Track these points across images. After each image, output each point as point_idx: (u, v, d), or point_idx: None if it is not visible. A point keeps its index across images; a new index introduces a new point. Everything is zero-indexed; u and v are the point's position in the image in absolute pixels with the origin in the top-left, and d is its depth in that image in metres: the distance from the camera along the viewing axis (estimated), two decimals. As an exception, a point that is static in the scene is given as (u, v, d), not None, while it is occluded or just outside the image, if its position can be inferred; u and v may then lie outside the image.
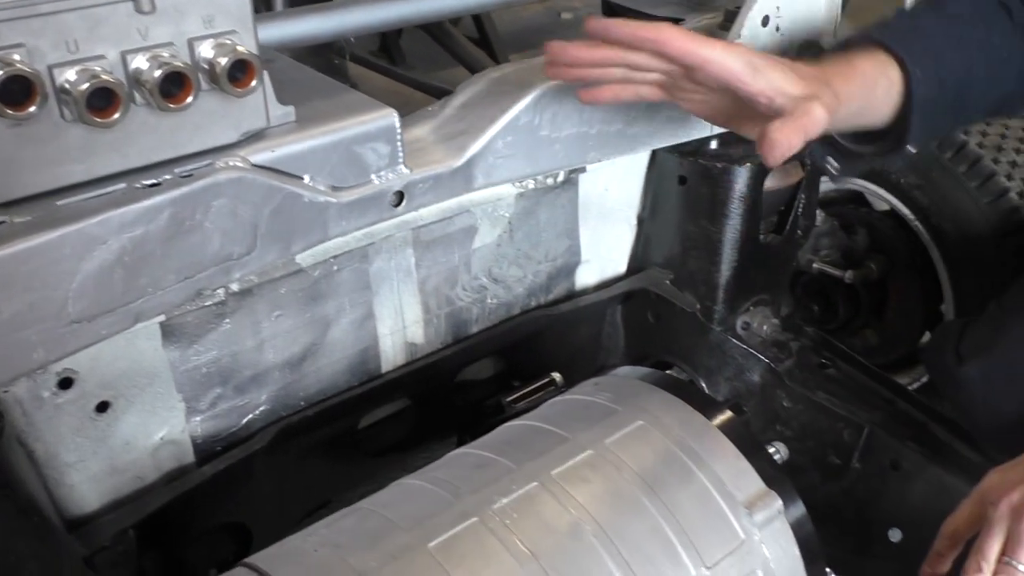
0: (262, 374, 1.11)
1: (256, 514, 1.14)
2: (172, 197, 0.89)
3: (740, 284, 1.39)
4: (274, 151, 0.97)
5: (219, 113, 0.91)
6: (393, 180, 1.07)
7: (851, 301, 1.76)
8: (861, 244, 1.70)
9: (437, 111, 1.19)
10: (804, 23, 1.31)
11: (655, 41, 0.96)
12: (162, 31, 0.85)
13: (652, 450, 0.95)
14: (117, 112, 0.82)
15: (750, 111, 0.97)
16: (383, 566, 0.79)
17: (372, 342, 1.21)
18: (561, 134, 1.20)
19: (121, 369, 0.97)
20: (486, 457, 0.94)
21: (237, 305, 1.05)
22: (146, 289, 0.91)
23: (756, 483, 0.94)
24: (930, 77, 0.99)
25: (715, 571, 0.88)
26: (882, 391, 1.36)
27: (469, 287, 1.28)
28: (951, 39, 1.04)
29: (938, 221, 1.61)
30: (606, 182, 1.37)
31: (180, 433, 1.06)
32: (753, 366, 1.41)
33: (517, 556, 0.82)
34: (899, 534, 1.27)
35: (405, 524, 0.84)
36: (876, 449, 1.29)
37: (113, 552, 0.95)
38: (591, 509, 0.87)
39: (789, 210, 1.43)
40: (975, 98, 1.06)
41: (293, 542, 0.86)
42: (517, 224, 1.29)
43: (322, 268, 1.11)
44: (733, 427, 1.00)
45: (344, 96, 1.08)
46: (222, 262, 0.97)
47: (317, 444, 1.20)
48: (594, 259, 1.43)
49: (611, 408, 1.00)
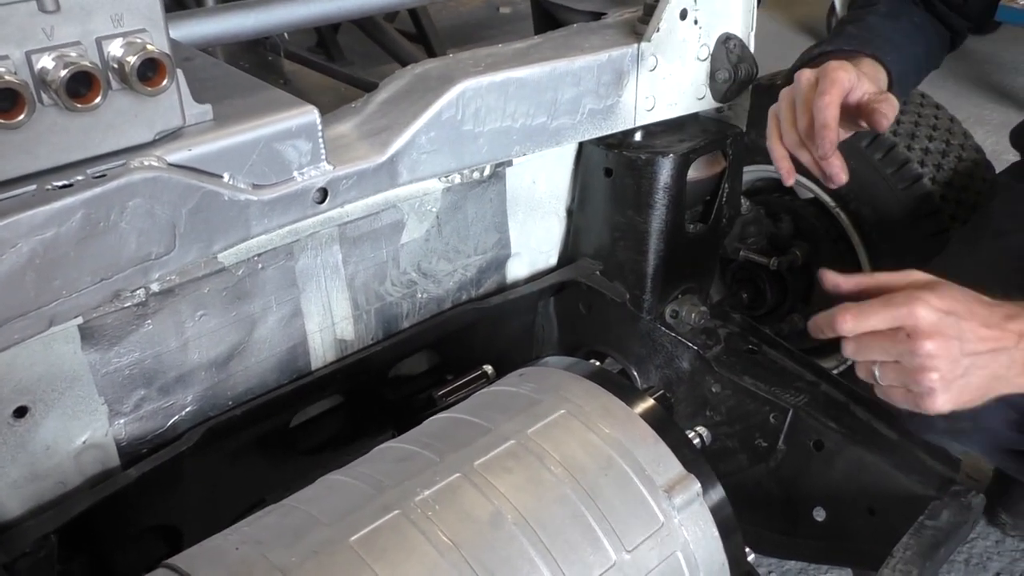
0: (187, 375, 1.10)
1: (187, 515, 1.13)
2: (85, 198, 0.89)
3: (668, 273, 1.42)
4: (191, 150, 0.97)
5: (132, 112, 0.91)
6: (316, 177, 1.07)
7: (778, 287, 1.80)
8: (786, 231, 1.74)
9: (360, 107, 1.20)
10: (722, 16, 1.34)
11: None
12: (68, 30, 0.84)
13: (573, 438, 0.96)
14: (23, 113, 0.81)
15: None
16: (304, 561, 0.80)
17: (301, 340, 1.21)
18: (485, 129, 1.21)
19: (38, 373, 0.96)
20: (409, 450, 0.95)
21: (159, 306, 1.04)
22: (60, 292, 0.90)
23: (675, 467, 0.97)
24: (897, 59, 1.29)
25: (635, 554, 0.90)
26: (806, 375, 1.39)
27: (398, 282, 1.29)
28: (895, 31, 1.35)
29: (857, 207, 1.66)
30: (533, 175, 1.39)
31: (103, 436, 1.05)
32: (682, 353, 1.44)
33: (439, 547, 0.83)
34: (823, 513, 1.31)
35: (327, 519, 0.85)
36: (800, 431, 1.32)
37: (34, 558, 0.94)
38: (513, 498, 0.89)
39: (714, 200, 1.46)
40: (917, 64, 1.41)
41: (214, 541, 0.86)
42: (445, 218, 1.30)
43: (246, 266, 1.11)
44: (654, 414, 1.02)
45: (264, 93, 1.08)
46: (140, 263, 0.97)
47: (248, 443, 1.19)
48: (524, 252, 1.44)
49: (534, 398, 1.02)
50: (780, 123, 1.22)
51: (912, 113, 1.66)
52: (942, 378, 0.95)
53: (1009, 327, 0.97)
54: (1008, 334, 0.97)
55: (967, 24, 1.47)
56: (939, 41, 1.46)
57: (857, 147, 1.61)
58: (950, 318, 0.95)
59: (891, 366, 0.98)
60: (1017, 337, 0.97)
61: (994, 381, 0.98)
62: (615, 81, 1.30)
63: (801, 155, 1.21)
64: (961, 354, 0.95)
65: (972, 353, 0.96)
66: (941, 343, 0.94)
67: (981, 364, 0.97)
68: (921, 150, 1.61)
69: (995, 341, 0.97)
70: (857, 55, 1.27)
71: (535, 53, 1.26)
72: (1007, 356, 0.97)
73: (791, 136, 1.21)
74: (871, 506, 1.25)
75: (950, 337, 0.95)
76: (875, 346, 0.98)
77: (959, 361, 0.96)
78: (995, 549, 1.75)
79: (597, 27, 1.38)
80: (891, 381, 0.99)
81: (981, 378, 0.97)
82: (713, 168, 1.44)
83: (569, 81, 1.25)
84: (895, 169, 1.60)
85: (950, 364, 0.95)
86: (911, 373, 0.96)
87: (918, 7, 1.43)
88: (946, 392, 0.96)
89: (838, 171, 1.16)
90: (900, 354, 0.96)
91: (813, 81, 1.17)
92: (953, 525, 1.14)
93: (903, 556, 1.09)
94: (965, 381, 0.97)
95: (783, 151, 1.22)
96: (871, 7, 1.41)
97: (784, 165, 1.22)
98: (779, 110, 1.23)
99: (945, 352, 0.95)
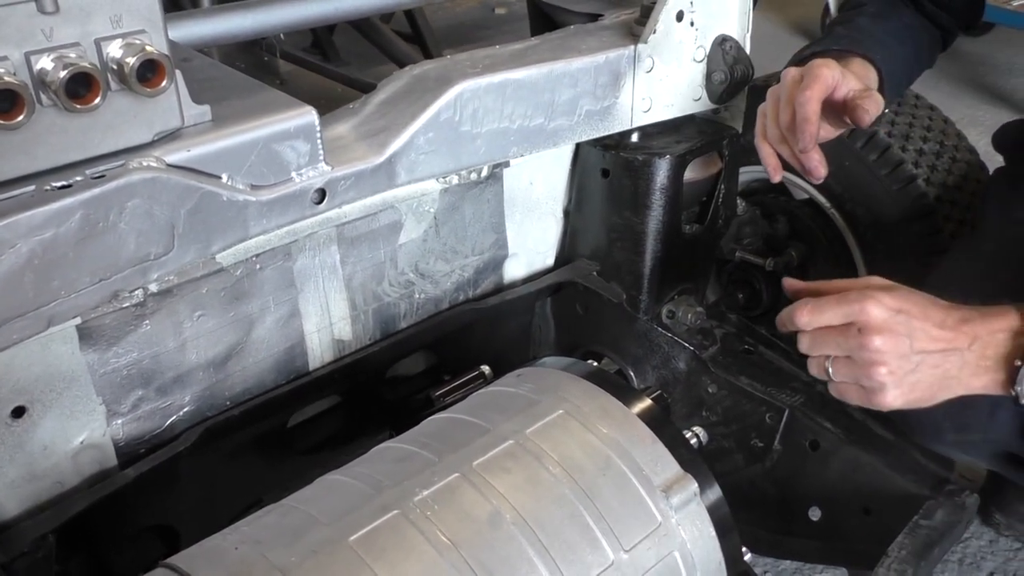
0: (185, 375, 1.11)
1: (184, 515, 1.13)
2: (84, 199, 0.89)
3: (664, 274, 1.42)
4: (190, 151, 0.97)
5: (131, 113, 0.91)
6: (314, 178, 1.07)
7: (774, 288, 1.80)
8: (782, 232, 1.74)
9: (358, 108, 1.20)
10: (718, 18, 1.35)
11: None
12: (68, 31, 0.84)
13: (572, 438, 0.97)
14: (22, 114, 0.81)
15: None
16: (303, 561, 0.80)
17: (298, 340, 1.21)
18: (482, 130, 1.21)
19: (36, 373, 0.96)
20: (408, 450, 0.95)
21: (157, 306, 1.04)
22: (59, 292, 0.90)
23: (673, 467, 0.97)
24: (886, 58, 1.30)
25: (633, 554, 0.90)
26: (802, 375, 1.40)
27: (396, 283, 1.29)
28: (884, 32, 1.36)
29: (852, 208, 1.66)
30: (531, 176, 1.39)
31: (101, 436, 1.05)
32: (679, 354, 1.44)
33: (437, 546, 0.84)
34: (818, 512, 1.31)
35: (326, 519, 0.85)
36: (796, 431, 1.33)
37: (32, 558, 0.94)
38: (511, 498, 0.89)
39: (710, 200, 1.47)
40: (908, 63, 1.41)
41: (214, 541, 0.86)
42: (443, 219, 1.30)
43: (244, 267, 1.11)
44: (651, 414, 1.02)
45: (262, 94, 1.08)
46: (139, 263, 0.97)
47: (246, 444, 1.20)
48: (521, 252, 1.44)
49: (532, 399, 1.02)
50: (765, 120, 1.23)
51: (906, 114, 1.66)
52: (891, 373, 0.97)
53: (962, 329, 0.99)
54: (961, 335, 0.99)
55: (956, 22, 1.48)
56: (930, 41, 1.47)
57: (852, 148, 1.61)
58: (900, 316, 0.97)
59: (843, 361, 1.01)
60: (970, 339, 0.99)
61: (946, 380, 1.00)
62: (612, 82, 1.30)
63: (783, 150, 1.22)
64: (911, 351, 0.97)
65: (922, 351, 0.98)
66: (890, 338, 0.97)
67: (932, 363, 0.98)
68: (915, 151, 1.62)
69: (947, 342, 0.98)
70: (847, 55, 1.28)
71: (533, 54, 1.27)
72: (959, 356, 0.99)
73: (773, 131, 1.22)
74: (866, 506, 1.26)
75: (899, 334, 0.97)
76: (828, 341, 1.01)
77: (908, 357, 0.98)
78: (989, 549, 1.76)
79: (594, 29, 1.39)
80: (843, 377, 1.02)
81: (932, 376, 0.99)
82: (709, 169, 1.44)
83: (566, 82, 1.26)
84: (890, 170, 1.60)
85: (899, 360, 0.97)
86: (862, 368, 0.99)
87: (908, 7, 1.44)
88: (896, 388, 0.98)
89: (816, 165, 1.17)
90: (851, 349, 0.99)
91: (797, 78, 1.18)
92: (947, 525, 1.14)
93: (898, 555, 1.09)
94: (916, 378, 0.98)
95: (769, 148, 1.23)
96: (861, 8, 1.42)
97: (771, 162, 1.24)
98: (765, 107, 1.24)
99: (893, 348, 0.97)
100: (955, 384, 1.00)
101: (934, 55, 1.50)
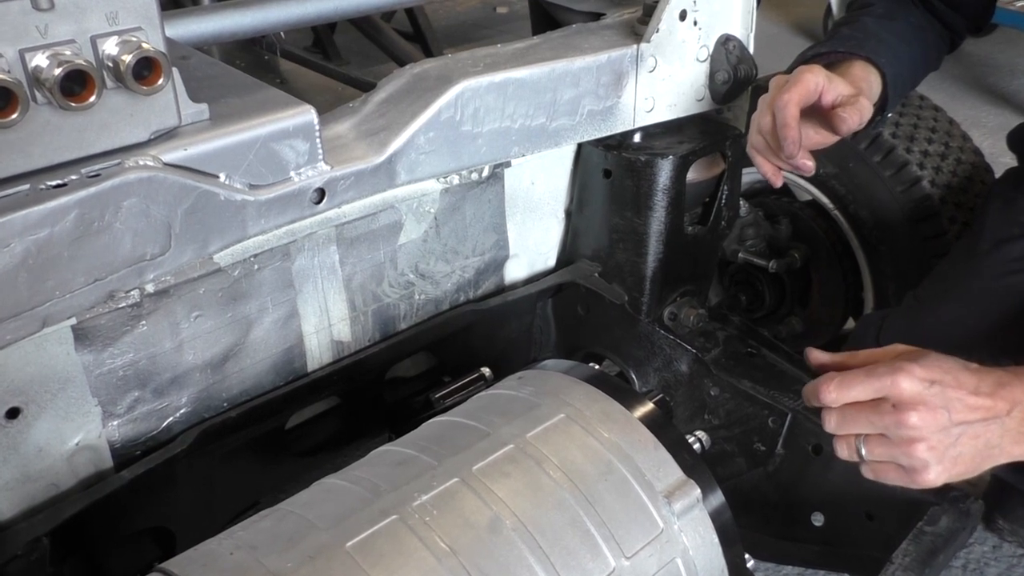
0: (182, 376, 1.09)
1: (180, 518, 1.12)
2: (79, 198, 0.88)
3: (666, 275, 1.41)
4: (187, 149, 0.96)
5: (127, 112, 0.90)
6: (313, 177, 1.06)
7: (776, 289, 1.79)
8: (784, 234, 1.73)
9: (358, 107, 1.19)
10: (721, 17, 1.34)
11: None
12: (63, 28, 0.83)
13: (573, 443, 0.95)
14: (16, 112, 0.80)
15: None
16: (300, 567, 0.79)
17: (297, 341, 1.20)
18: (483, 129, 1.20)
19: (31, 374, 0.95)
20: (407, 454, 0.94)
21: (153, 306, 1.03)
22: (53, 292, 0.89)
23: (675, 473, 0.96)
24: (890, 60, 1.29)
25: (634, 561, 0.89)
26: (805, 377, 1.38)
27: (396, 283, 1.28)
28: (890, 32, 1.35)
29: (855, 209, 1.65)
30: (532, 176, 1.38)
31: (96, 438, 1.04)
32: (681, 356, 1.43)
33: (436, 553, 0.82)
34: (821, 517, 1.30)
35: (323, 524, 0.84)
36: (799, 435, 1.32)
37: (26, 560, 0.93)
38: (511, 503, 0.88)
39: (713, 201, 1.46)
40: (914, 65, 1.40)
41: (209, 545, 0.85)
42: (443, 219, 1.29)
43: (242, 267, 1.10)
44: (653, 418, 1.01)
45: (261, 93, 1.07)
46: (135, 263, 0.96)
47: (243, 446, 1.18)
48: (522, 253, 1.43)
49: (533, 402, 1.01)
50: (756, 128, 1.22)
51: (911, 115, 1.65)
52: (931, 448, 0.92)
53: (1000, 395, 0.94)
54: (999, 402, 0.94)
55: (966, 23, 1.47)
56: (938, 41, 1.46)
57: (856, 149, 1.60)
58: (935, 387, 0.92)
59: (877, 439, 0.95)
60: (1009, 405, 0.94)
61: (988, 450, 0.95)
62: (614, 82, 1.29)
63: (768, 155, 1.21)
64: (951, 424, 0.92)
65: (962, 423, 0.93)
66: (927, 413, 0.91)
67: (973, 433, 0.93)
68: (920, 152, 1.61)
69: (986, 410, 0.94)
70: (850, 57, 1.27)
71: (534, 53, 1.25)
72: (999, 425, 0.94)
73: (756, 138, 1.21)
74: (869, 511, 1.25)
75: (936, 407, 0.92)
76: (859, 418, 0.95)
77: (948, 431, 0.92)
78: (992, 555, 1.75)
79: (596, 28, 1.38)
80: (879, 456, 0.96)
81: (974, 448, 0.94)
82: (712, 170, 1.43)
83: (568, 82, 1.25)
84: (894, 171, 1.59)
85: (939, 434, 0.92)
86: (899, 446, 0.93)
87: (916, 7, 1.42)
88: (939, 464, 0.93)
89: (803, 161, 1.16)
90: (886, 427, 0.93)
91: (782, 84, 1.17)
92: (951, 531, 1.13)
93: (902, 562, 1.08)
94: (957, 452, 0.93)
95: (760, 156, 1.23)
96: (868, 8, 1.41)
97: (766, 169, 1.23)
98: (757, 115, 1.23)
99: (932, 422, 0.92)
100: (997, 453, 0.95)
101: (941, 57, 1.49)
